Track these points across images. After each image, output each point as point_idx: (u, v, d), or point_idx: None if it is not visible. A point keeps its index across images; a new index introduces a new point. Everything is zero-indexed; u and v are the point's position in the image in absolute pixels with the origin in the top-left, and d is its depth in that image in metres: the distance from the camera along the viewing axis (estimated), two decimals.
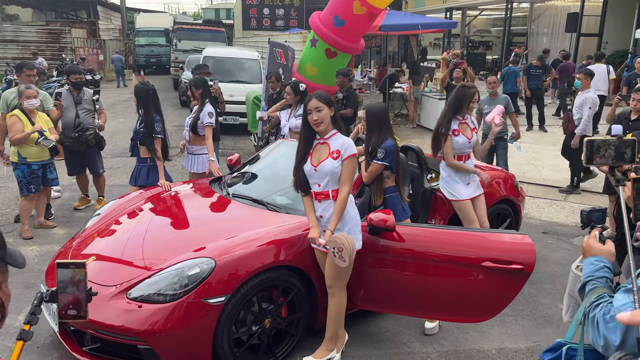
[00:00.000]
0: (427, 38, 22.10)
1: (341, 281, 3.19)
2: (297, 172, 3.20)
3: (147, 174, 4.91)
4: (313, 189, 3.17)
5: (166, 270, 3.02)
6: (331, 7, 7.45)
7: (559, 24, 19.06)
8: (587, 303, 1.63)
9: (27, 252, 4.99)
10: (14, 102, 5.47)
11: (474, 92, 4.27)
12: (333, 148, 3.10)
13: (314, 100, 3.09)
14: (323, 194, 3.13)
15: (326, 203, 3.14)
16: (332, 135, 3.15)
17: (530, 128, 11.30)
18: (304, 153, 3.19)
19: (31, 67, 5.87)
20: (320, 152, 3.15)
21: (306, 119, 3.15)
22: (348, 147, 3.09)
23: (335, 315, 3.24)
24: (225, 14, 42.58)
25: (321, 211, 3.16)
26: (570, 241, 5.72)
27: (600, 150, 1.82)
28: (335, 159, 3.07)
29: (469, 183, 4.31)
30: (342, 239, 2.95)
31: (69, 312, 1.36)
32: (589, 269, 1.75)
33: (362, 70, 16.09)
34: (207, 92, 5.24)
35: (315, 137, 3.19)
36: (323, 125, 3.10)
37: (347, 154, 3.07)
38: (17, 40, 22.32)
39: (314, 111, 3.08)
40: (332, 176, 3.09)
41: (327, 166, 3.07)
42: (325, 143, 3.15)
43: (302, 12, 27.43)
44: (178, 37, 23.00)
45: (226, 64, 11.80)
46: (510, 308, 3.86)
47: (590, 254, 1.81)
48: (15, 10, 33.97)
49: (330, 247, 2.98)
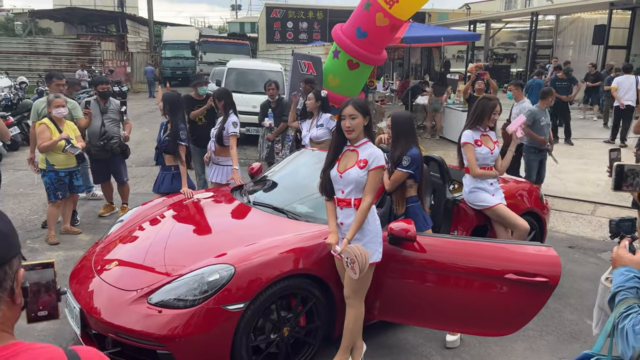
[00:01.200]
0: (450, 50, 22.02)
1: (359, 293, 3.15)
2: (324, 175, 3.19)
3: (171, 181, 4.98)
4: (336, 194, 3.16)
5: (186, 276, 3.04)
6: (354, 19, 7.49)
7: (585, 36, 18.80)
8: (616, 314, 1.58)
9: (53, 257, 5.09)
10: (44, 112, 5.63)
11: (495, 104, 4.24)
12: (361, 157, 3.07)
13: (350, 107, 3.06)
14: (345, 201, 3.12)
15: (347, 211, 3.12)
16: (363, 144, 3.13)
17: (556, 141, 11.09)
18: (333, 157, 3.18)
19: (60, 77, 6.06)
20: (348, 159, 3.13)
21: (339, 124, 3.13)
22: (376, 157, 3.05)
23: (352, 327, 3.20)
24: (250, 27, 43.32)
25: (342, 218, 3.15)
26: (597, 256, 5.57)
27: (628, 179, 1.77)
28: (362, 168, 3.04)
29: (493, 194, 4.26)
30: (355, 250, 2.90)
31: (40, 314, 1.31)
32: (619, 280, 1.70)
33: (384, 82, 16.10)
34: (229, 103, 5.31)
35: (346, 144, 3.17)
36: (355, 133, 3.08)
37: (374, 165, 3.04)
38: (49, 52, 23.09)
39: (347, 118, 3.06)
40: (356, 185, 3.06)
41: (353, 174, 3.05)
42: (354, 150, 3.13)
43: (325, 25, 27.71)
44: (203, 50, 23.43)
45: (249, 75, 11.95)
46: (535, 323, 3.77)
47: (620, 264, 1.76)
48: (48, 24, 35.12)
49: (344, 257, 2.96)
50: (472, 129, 4.27)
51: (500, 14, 23.24)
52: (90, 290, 3.23)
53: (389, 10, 6.90)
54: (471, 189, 4.29)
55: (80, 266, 3.61)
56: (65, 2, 38.66)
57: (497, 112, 4.26)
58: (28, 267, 1.27)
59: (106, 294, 3.13)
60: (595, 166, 8.89)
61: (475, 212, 4.36)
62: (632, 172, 1.77)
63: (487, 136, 4.28)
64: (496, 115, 4.26)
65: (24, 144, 9.96)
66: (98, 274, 3.32)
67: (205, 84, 6.93)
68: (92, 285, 3.26)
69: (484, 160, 4.22)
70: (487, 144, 4.24)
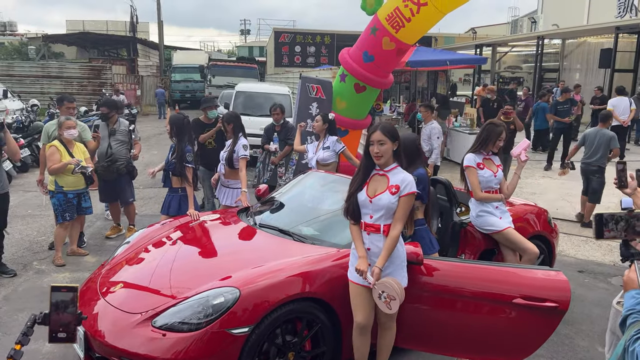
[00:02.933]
0: (457, 74, 22.17)
1: (394, 316, 3.16)
2: (351, 199, 3.14)
3: (179, 204, 5.00)
4: (364, 219, 3.10)
5: (191, 299, 3.02)
6: (360, 43, 7.58)
7: (592, 60, 18.87)
8: (627, 337, 1.55)
9: (59, 278, 5.09)
10: (54, 134, 5.70)
11: (502, 131, 4.25)
12: (392, 182, 3.05)
13: (378, 133, 3.04)
14: (374, 227, 3.07)
15: (375, 236, 3.07)
16: (393, 169, 3.11)
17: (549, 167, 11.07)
18: (361, 182, 3.14)
19: (71, 100, 6.14)
20: (378, 183, 3.10)
21: (367, 149, 3.12)
22: (408, 183, 3.03)
23: (389, 344, 3.24)
24: (259, 51, 43.97)
25: (368, 244, 3.09)
26: (608, 280, 5.47)
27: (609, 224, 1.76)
28: (393, 194, 3.01)
29: (501, 217, 4.23)
30: (396, 288, 2.86)
31: (59, 335, 1.36)
32: (630, 303, 1.67)
33: (391, 104, 16.19)
34: (238, 127, 5.36)
35: (375, 167, 3.15)
36: (383, 159, 3.06)
37: (406, 191, 3.01)
38: (61, 76, 23.50)
39: (376, 144, 3.04)
40: (387, 210, 3.02)
41: (384, 200, 3.02)
42: (384, 175, 3.11)
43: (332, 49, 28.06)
44: (212, 73, 23.73)
45: (257, 98, 12.07)
46: (545, 349, 3.69)
47: (632, 287, 1.74)
48: (61, 49, 35.85)
49: (379, 289, 2.90)
50: (475, 153, 4.27)
51: (507, 38, 23.42)
52: (95, 312, 3.21)
53: (396, 34, 6.97)
54: (478, 213, 4.27)
55: (85, 288, 3.60)
56: (78, 27, 39.58)
57: (502, 139, 4.26)
58: (55, 287, 1.31)
59: (110, 316, 3.11)
60: (607, 189, 8.81)
61: (482, 236, 4.32)
62: (612, 218, 1.76)
63: (490, 159, 4.29)
64: (501, 142, 4.26)
65: (34, 166, 10.07)
66: (103, 297, 3.31)
67: (215, 107, 7.00)
68: (96, 308, 3.24)
69: (487, 183, 4.20)
70: (490, 167, 4.23)
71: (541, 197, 8.28)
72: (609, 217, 1.77)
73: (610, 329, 1.99)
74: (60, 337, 1.37)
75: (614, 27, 15.25)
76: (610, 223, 1.76)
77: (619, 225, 1.75)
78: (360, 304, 3.11)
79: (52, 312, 1.36)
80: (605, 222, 1.76)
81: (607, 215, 1.77)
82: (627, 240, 1.78)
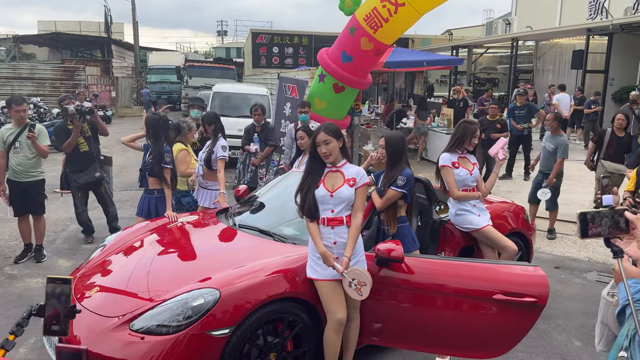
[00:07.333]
0: (433, 75, 22.38)
1: (358, 306, 3.23)
2: (306, 197, 3.19)
3: (156, 206, 4.87)
4: (324, 215, 3.16)
5: (170, 301, 2.97)
6: (339, 43, 7.58)
7: (564, 61, 19.26)
8: (630, 326, 1.54)
9: (32, 284, 4.95)
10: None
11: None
12: (348, 176, 3.17)
13: (322, 134, 3.15)
14: (337, 219, 3.14)
15: (340, 229, 3.15)
16: (344, 164, 3.23)
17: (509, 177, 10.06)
18: (314, 181, 3.20)
19: (20, 102, 5.44)
20: (334, 179, 3.18)
21: (314, 151, 3.18)
22: (362, 175, 3.19)
23: (354, 337, 3.27)
24: (236, 52, 43.68)
25: (335, 237, 3.14)
26: (583, 276, 5.58)
27: (595, 220, 1.77)
28: (352, 186, 3.15)
29: (479, 215, 4.27)
30: (365, 273, 3.00)
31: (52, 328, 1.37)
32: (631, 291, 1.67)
33: (369, 105, 16.27)
34: (219, 128, 5.30)
35: (326, 166, 3.23)
36: (332, 157, 3.17)
37: (362, 183, 3.17)
38: (33, 77, 22.92)
39: (322, 144, 3.14)
40: (348, 202, 3.15)
41: (345, 192, 3.13)
42: (338, 171, 3.21)
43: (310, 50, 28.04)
44: (189, 74, 23.46)
45: (235, 99, 11.98)
46: (524, 344, 3.74)
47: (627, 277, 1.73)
48: (33, 50, 34.97)
49: (349, 278, 2.96)
50: (450, 152, 4.30)
51: (482, 40, 23.73)
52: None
53: (374, 34, 6.99)
54: (457, 212, 4.30)
55: None
56: (50, 27, 38.68)
57: (477, 137, 4.29)
58: (51, 279, 1.39)
59: (86, 321, 3.02)
60: (578, 187, 9.00)
61: (462, 233, 4.35)
62: (596, 215, 1.77)
63: (465, 158, 4.31)
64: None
65: None
66: (79, 301, 3.22)
67: (200, 108, 6.88)
68: None
69: (463, 181, 4.23)
70: (465, 166, 4.26)
71: (518, 195, 8.41)
72: (593, 215, 1.77)
73: (602, 320, 2.00)
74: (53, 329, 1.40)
75: (585, 29, 15.59)
76: (596, 220, 1.76)
77: (603, 222, 1.75)
78: (338, 300, 3.11)
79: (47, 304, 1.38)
80: (590, 220, 1.76)
81: (591, 215, 1.77)
82: (609, 237, 1.78)
